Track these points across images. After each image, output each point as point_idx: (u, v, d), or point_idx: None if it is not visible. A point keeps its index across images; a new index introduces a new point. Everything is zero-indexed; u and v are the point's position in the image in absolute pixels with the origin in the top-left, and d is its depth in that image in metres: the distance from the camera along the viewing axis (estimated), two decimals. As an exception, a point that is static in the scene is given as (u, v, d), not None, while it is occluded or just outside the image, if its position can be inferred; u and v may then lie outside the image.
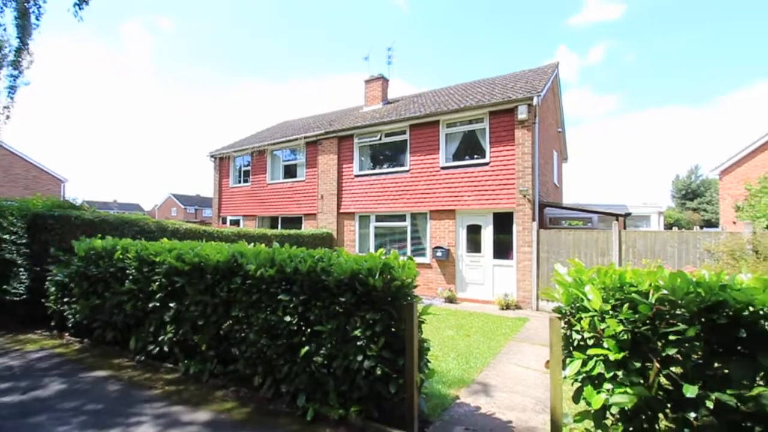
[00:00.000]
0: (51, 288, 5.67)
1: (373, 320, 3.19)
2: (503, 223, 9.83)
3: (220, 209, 16.66)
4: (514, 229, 9.53)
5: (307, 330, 3.50)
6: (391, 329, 3.25)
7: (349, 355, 3.24)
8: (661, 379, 2.22)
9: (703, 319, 2.13)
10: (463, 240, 10.42)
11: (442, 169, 10.68)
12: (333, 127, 13.14)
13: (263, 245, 4.19)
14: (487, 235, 10.05)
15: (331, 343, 3.35)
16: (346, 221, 12.59)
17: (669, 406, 2.21)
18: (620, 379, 2.24)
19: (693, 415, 2.07)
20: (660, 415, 2.24)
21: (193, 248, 4.39)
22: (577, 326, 2.54)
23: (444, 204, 10.57)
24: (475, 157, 10.34)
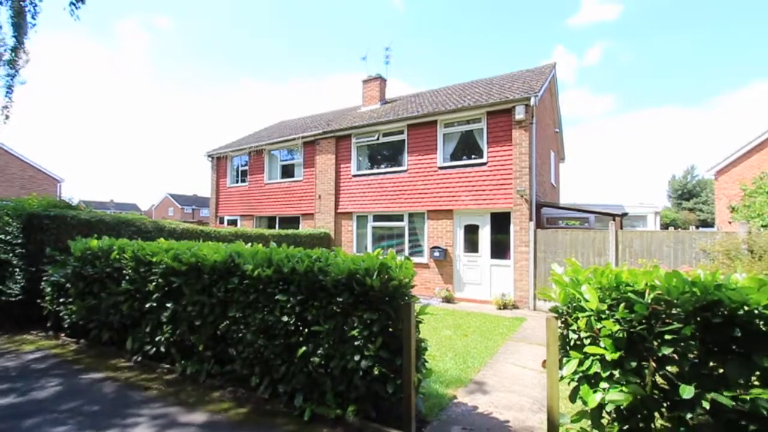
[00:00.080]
0: (47, 288, 5.64)
1: (371, 320, 3.19)
2: (500, 223, 9.85)
3: (217, 209, 16.62)
4: (512, 229, 9.55)
5: (305, 330, 3.50)
6: (389, 329, 3.25)
7: (347, 355, 3.24)
8: (657, 379, 2.24)
9: (699, 319, 2.14)
10: (461, 240, 10.43)
11: (440, 169, 10.69)
12: (331, 126, 13.13)
13: (260, 245, 4.18)
14: (485, 235, 10.07)
15: (328, 343, 3.35)
16: (343, 221, 12.58)
17: (665, 405, 2.22)
18: (616, 378, 2.25)
19: (689, 415, 2.08)
20: (656, 414, 2.26)
21: (190, 248, 4.38)
22: (574, 326, 2.55)
23: (441, 204, 10.58)
24: (473, 157, 10.36)
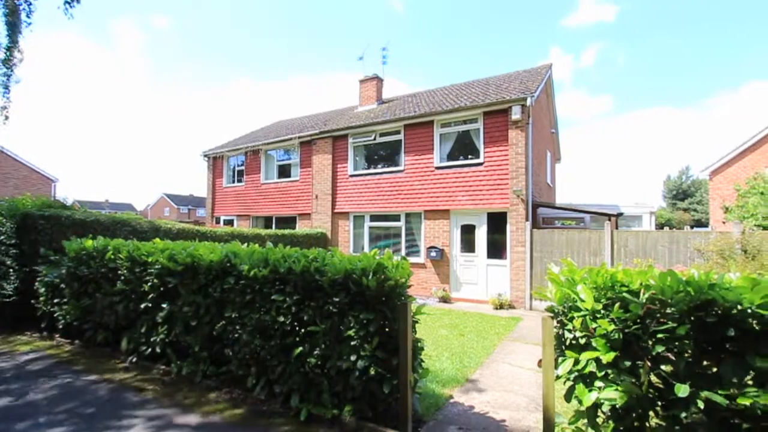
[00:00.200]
0: (41, 289, 5.60)
1: (367, 320, 3.19)
2: (497, 223, 9.88)
3: (213, 209, 16.55)
4: (508, 229, 9.58)
5: (301, 330, 3.49)
6: (385, 329, 3.25)
7: (343, 355, 3.23)
8: (652, 378, 2.25)
9: (693, 318, 2.15)
10: (458, 240, 10.45)
11: (437, 169, 10.71)
12: (327, 126, 13.11)
13: (257, 245, 4.17)
14: (481, 235, 10.09)
15: (324, 344, 3.35)
16: (340, 221, 12.57)
17: (660, 404, 2.24)
18: (612, 377, 2.27)
19: (683, 413, 2.10)
20: (650, 413, 2.27)
21: (186, 248, 4.36)
22: (569, 325, 2.56)
23: (438, 204, 10.60)
24: (469, 157, 10.38)
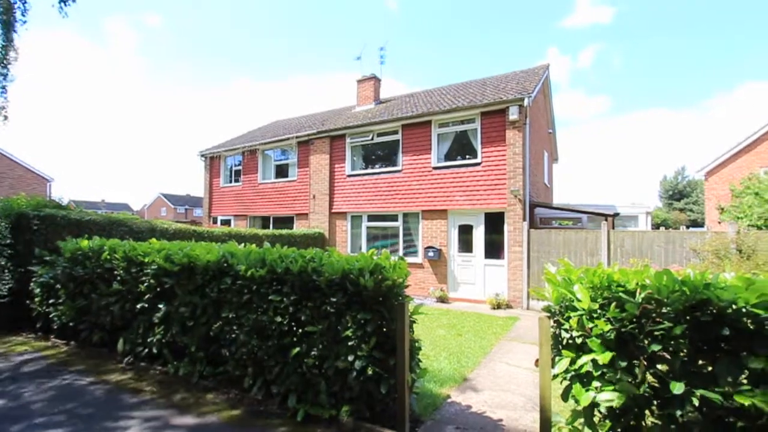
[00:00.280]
0: (36, 289, 5.56)
1: (364, 320, 3.19)
2: (494, 223, 9.90)
3: (210, 209, 16.50)
4: (505, 229, 9.60)
5: (298, 330, 3.48)
6: (383, 329, 3.24)
7: (341, 356, 3.23)
8: (648, 377, 2.26)
9: (689, 318, 2.16)
10: (455, 240, 10.46)
11: (434, 169, 10.72)
12: (325, 126, 13.10)
13: (254, 245, 4.16)
14: (479, 235, 10.11)
15: (322, 344, 3.34)
16: (338, 221, 12.56)
17: (655, 403, 2.25)
18: (608, 377, 2.27)
19: (679, 412, 2.11)
20: (647, 412, 2.28)
21: (183, 248, 4.34)
22: (566, 325, 2.56)
23: (436, 204, 10.61)
24: (467, 157, 10.40)
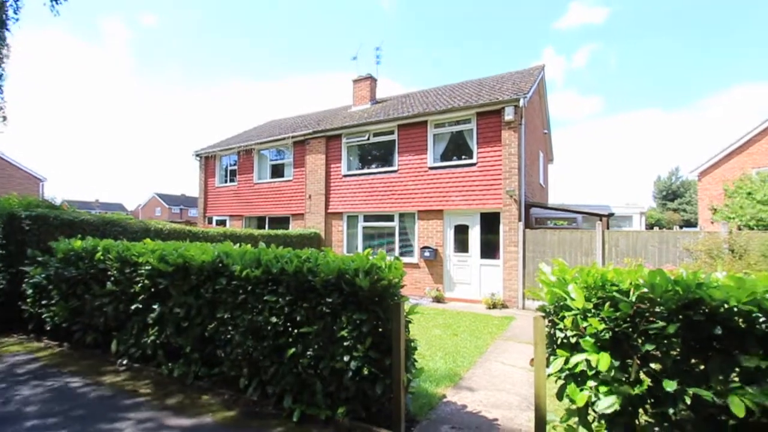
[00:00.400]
0: (28, 290, 5.50)
1: (360, 320, 3.19)
2: (490, 223, 9.94)
3: (205, 209, 16.42)
4: (501, 229, 9.63)
5: (294, 331, 3.47)
6: (378, 329, 3.25)
7: (336, 356, 3.22)
8: (641, 376, 2.28)
9: (681, 317, 2.18)
10: (451, 240, 10.49)
11: (430, 169, 10.74)
12: (321, 126, 13.08)
13: (249, 246, 4.15)
14: (475, 235, 10.14)
15: (317, 344, 3.34)
16: (334, 221, 12.55)
17: (649, 402, 2.27)
18: (602, 376, 2.29)
19: (672, 410, 2.13)
20: (640, 410, 2.30)
21: (177, 249, 4.32)
22: (561, 325, 2.58)
23: (432, 204, 10.62)
24: (463, 157, 10.42)
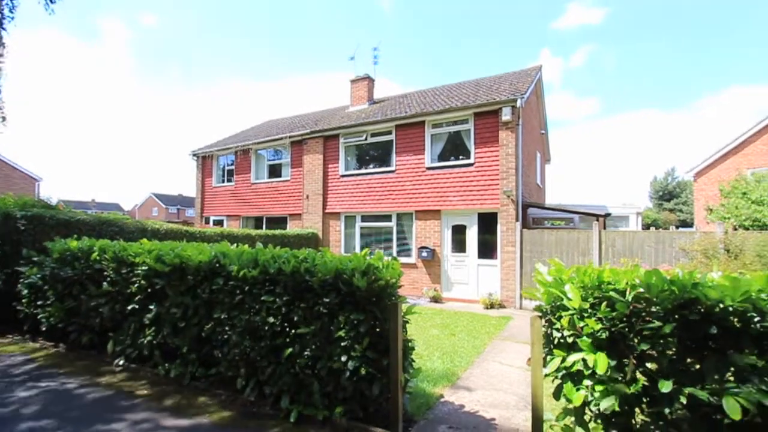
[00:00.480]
0: (23, 290, 5.47)
1: (358, 320, 3.18)
2: (488, 223, 9.95)
3: (203, 209, 16.37)
4: (499, 229, 9.66)
5: (291, 331, 3.47)
6: (376, 329, 3.24)
7: (334, 356, 3.22)
8: (638, 375, 2.29)
9: (677, 316, 2.20)
10: (449, 240, 10.50)
11: (428, 169, 10.74)
12: (318, 126, 13.06)
13: (247, 246, 4.14)
14: (472, 235, 10.16)
15: (315, 344, 3.33)
16: (331, 221, 12.54)
17: (645, 401, 2.28)
18: (599, 375, 2.29)
19: (667, 409, 2.14)
20: (636, 410, 2.31)
21: (174, 249, 4.30)
22: (557, 324, 2.58)
23: (429, 204, 10.63)
24: (460, 157, 10.44)
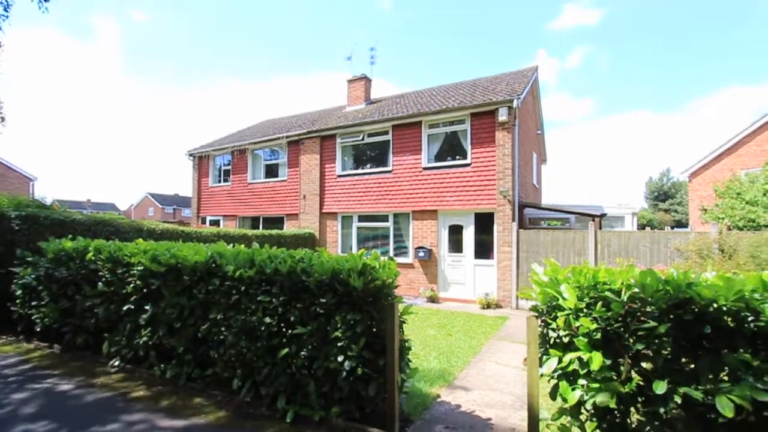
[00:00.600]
0: (17, 291, 5.42)
1: (354, 321, 3.18)
2: (484, 224, 9.98)
3: (199, 209, 16.30)
4: (495, 229, 9.68)
5: (288, 331, 3.46)
6: (372, 329, 3.25)
7: (330, 356, 3.22)
8: (633, 375, 2.30)
9: (672, 316, 2.21)
10: (445, 240, 10.51)
11: (425, 169, 10.76)
12: (315, 126, 13.05)
13: (243, 246, 4.13)
14: (469, 235, 10.18)
15: (311, 345, 3.33)
16: (328, 221, 12.52)
17: (640, 400, 2.29)
18: (594, 374, 2.31)
19: (662, 409, 2.15)
20: (632, 409, 2.32)
21: (170, 249, 4.28)
22: (553, 324, 2.60)
23: (426, 204, 10.64)
24: (457, 158, 10.46)
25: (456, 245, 10.39)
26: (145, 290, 4.39)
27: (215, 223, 15.75)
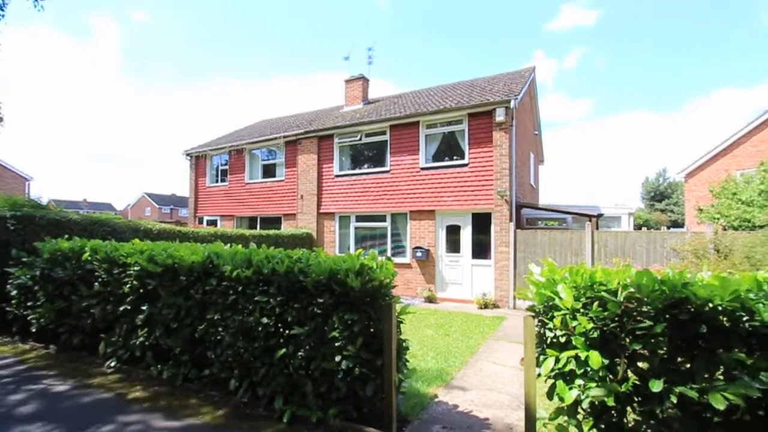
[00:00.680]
0: (13, 291, 5.39)
1: (351, 321, 3.18)
2: (482, 224, 9.99)
3: (196, 209, 16.25)
4: (492, 229, 9.70)
5: (285, 331, 3.45)
6: (370, 329, 3.25)
7: (327, 356, 3.22)
8: (629, 374, 2.31)
9: (668, 316, 2.22)
10: (443, 240, 10.53)
11: (422, 169, 10.76)
12: (313, 126, 13.03)
13: (240, 246, 4.12)
14: (466, 236, 10.19)
15: (309, 345, 3.32)
16: (326, 221, 12.51)
17: (637, 400, 2.30)
18: (591, 374, 2.32)
19: (658, 408, 2.16)
20: (628, 408, 2.33)
21: (166, 249, 4.27)
22: (550, 324, 2.60)
23: (424, 204, 10.65)
24: (455, 158, 10.47)
25: (453, 245, 10.41)
26: (141, 290, 4.37)
27: (212, 223, 15.71)
